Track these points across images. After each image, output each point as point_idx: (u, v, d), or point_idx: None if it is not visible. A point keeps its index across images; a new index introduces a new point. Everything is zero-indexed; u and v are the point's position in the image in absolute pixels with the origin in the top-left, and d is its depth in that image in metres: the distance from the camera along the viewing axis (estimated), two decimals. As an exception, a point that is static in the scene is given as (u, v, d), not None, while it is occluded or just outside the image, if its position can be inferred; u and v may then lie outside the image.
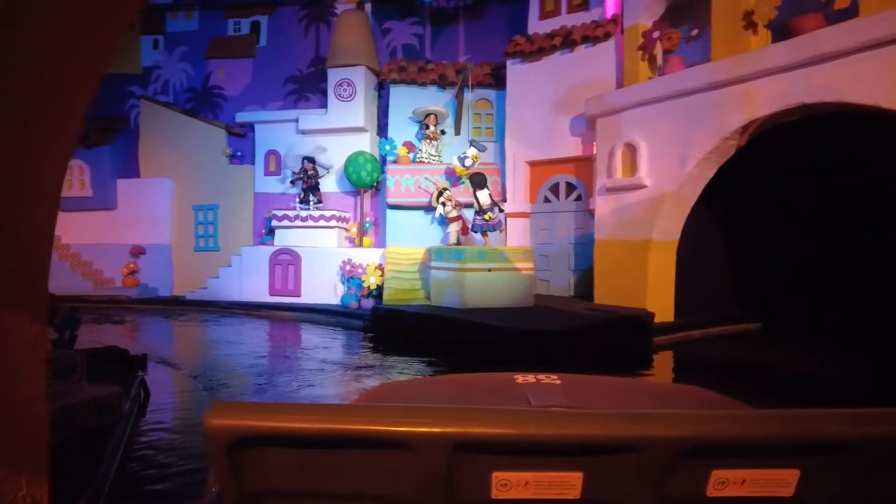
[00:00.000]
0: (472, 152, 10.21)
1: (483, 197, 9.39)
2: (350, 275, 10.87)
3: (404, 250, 10.60)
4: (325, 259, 11.34)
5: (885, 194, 7.46)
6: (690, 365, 7.01)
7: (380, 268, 10.62)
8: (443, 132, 11.49)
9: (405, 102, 11.63)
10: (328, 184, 12.32)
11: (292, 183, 12.18)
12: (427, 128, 11.35)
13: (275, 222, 11.99)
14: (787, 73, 6.55)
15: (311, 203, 11.85)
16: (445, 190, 10.51)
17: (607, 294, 8.58)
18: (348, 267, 10.97)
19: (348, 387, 5.94)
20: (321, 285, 11.24)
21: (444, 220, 10.61)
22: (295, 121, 12.50)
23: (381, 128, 12.52)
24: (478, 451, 0.92)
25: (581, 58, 9.60)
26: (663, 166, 7.94)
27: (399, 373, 6.47)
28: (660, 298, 8.18)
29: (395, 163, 11.43)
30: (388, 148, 11.55)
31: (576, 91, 9.50)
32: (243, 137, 13.46)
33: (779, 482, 0.92)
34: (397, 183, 11.19)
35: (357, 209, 12.43)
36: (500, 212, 9.81)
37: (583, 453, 0.92)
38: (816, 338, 7.69)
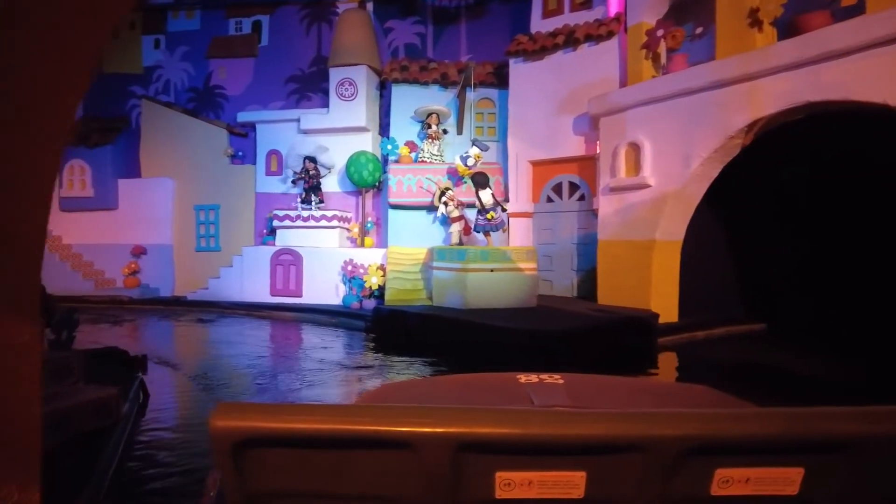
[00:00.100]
0: (475, 152, 10.18)
1: (485, 197, 9.34)
2: (352, 275, 10.84)
3: (406, 250, 10.56)
4: (327, 259, 11.30)
5: (891, 194, 7.40)
6: (695, 366, 6.98)
7: (381, 268, 10.58)
8: (445, 132, 11.46)
9: (407, 102, 11.60)
10: (330, 184, 12.29)
11: (294, 183, 12.14)
12: (429, 127, 11.31)
13: (276, 222, 11.96)
14: (793, 71, 6.49)
15: (312, 203, 11.82)
16: (448, 190, 10.48)
17: (611, 294, 8.53)
18: (350, 267, 10.93)
19: (350, 388, 5.91)
20: (323, 286, 11.21)
21: (446, 220, 10.56)
22: (296, 120, 12.48)
23: (383, 127, 12.48)
24: (481, 451, 0.92)
25: (584, 57, 9.55)
26: (667, 166, 7.89)
27: (399, 373, 6.42)
28: (664, 299, 8.13)
29: (397, 162, 11.40)
30: (389, 147, 11.51)
31: (579, 90, 9.44)
32: (245, 137, 13.44)
33: (783, 480, 0.92)
34: (399, 183, 11.15)
35: (359, 209, 12.39)
36: (503, 211, 9.77)
37: (586, 453, 0.92)
38: (822, 338, 7.63)
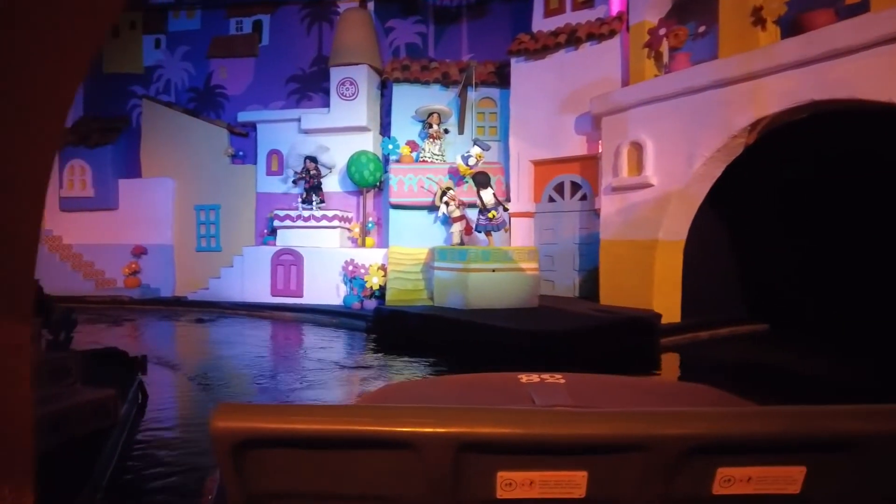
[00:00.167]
0: (476, 151, 10.15)
1: (487, 196, 9.30)
2: (353, 275, 10.80)
3: (407, 250, 10.53)
4: (328, 259, 11.26)
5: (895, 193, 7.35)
6: (698, 367, 6.94)
7: (382, 268, 10.54)
8: (446, 131, 11.42)
9: (408, 101, 11.56)
10: (331, 183, 12.26)
11: (294, 183, 12.11)
12: (430, 127, 11.28)
13: (277, 222, 11.93)
14: (797, 70, 6.45)
15: (313, 203, 11.79)
16: (449, 189, 10.44)
17: (613, 295, 8.48)
18: (351, 267, 10.89)
19: (351, 388, 5.88)
20: (323, 286, 11.17)
21: (447, 220, 10.52)
22: (297, 120, 12.44)
23: (384, 127, 12.44)
24: (482, 451, 0.92)
25: (586, 56, 9.50)
26: (670, 165, 7.84)
27: (400, 373, 6.38)
28: (666, 299, 8.08)
29: (398, 162, 11.36)
30: (390, 147, 11.47)
31: (581, 89, 9.40)
32: (245, 137, 13.41)
33: (785, 479, 0.92)
34: (400, 182, 11.11)
35: (360, 209, 12.35)
36: (505, 211, 9.73)
37: (588, 452, 0.92)
38: (826, 338, 7.58)
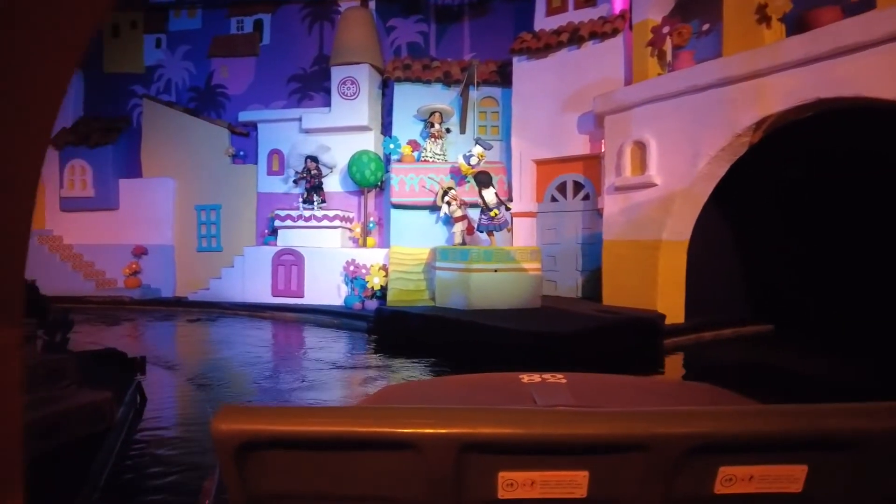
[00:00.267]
0: (478, 151, 10.10)
1: (489, 196, 9.24)
2: (354, 275, 10.74)
3: (409, 250, 10.47)
4: (329, 259, 11.21)
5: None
6: (702, 367, 6.88)
7: (384, 268, 10.49)
8: (448, 130, 11.37)
9: (410, 101, 11.51)
10: (332, 183, 12.21)
11: (295, 182, 12.06)
12: (432, 126, 11.23)
13: (278, 222, 11.88)
14: (803, 68, 6.38)
15: (314, 203, 11.74)
16: (450, 189, 10.39)
17: (616, 295, 8.42)
18: (352, 267, 10.84)
19: (352, 389, 5.83)
20: (324, 286, 11.12)
21: (448, 220, 10.47)
22: (298, 120, 12.40)
23: (386, 126, 12.39)
24: (484, 452, 0.92)
25: (589, 54, 9.44)
26: (673, 164, 7.78)
27: (401, 373, 6.33)
28: (670, 299, 8.02)
29: (400, 162, 11.31)
30: (392, 147, 11.42)
31: (583, 88, 9.34)
32: (246, 137, 13.37)
33: (787, 478, 0.92)
34: (401, 182, 11.06)
35: (361, 209, 12.30)
36: (507, 211, 9.67)
37: (589, 452, 0.92)
38: (830, 339, 7.52)
